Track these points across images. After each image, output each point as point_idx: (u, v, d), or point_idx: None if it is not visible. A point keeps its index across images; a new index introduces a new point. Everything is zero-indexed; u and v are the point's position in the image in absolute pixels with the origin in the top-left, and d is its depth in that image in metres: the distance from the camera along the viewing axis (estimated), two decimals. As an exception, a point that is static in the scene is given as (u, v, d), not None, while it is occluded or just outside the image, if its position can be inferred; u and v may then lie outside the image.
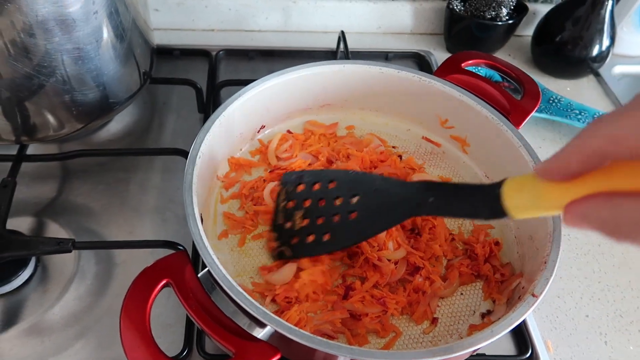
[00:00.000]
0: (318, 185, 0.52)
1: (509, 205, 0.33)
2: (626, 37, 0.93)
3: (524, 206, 0.33)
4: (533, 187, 0.32)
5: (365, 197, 0.47)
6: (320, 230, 0.50)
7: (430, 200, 0.40)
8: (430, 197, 0.41)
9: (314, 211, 0.51)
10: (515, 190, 0.33)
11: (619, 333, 0.58)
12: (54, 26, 0.51)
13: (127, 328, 0.38)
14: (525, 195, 0.33)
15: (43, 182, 0.65)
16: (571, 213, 0.29)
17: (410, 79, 0.63)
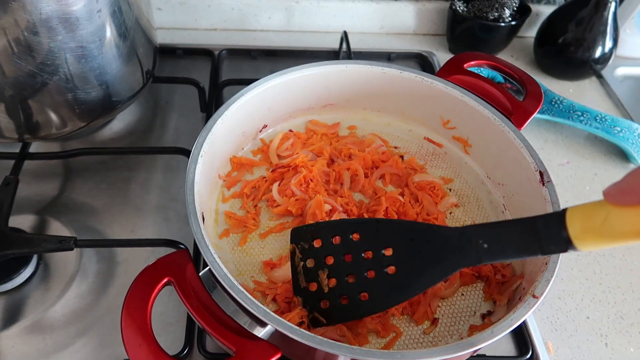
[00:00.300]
0: (338, 238, 0.46)
1: (575, 236, 0.30)
2: (629, 39, 0.93)
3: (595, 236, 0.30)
4: (604, 214, 0.29)
5: (401, 249, 0.42)
6: (354, 290, 0.44)
7: (485, 247, 0.37)
8: (484, 243, 0.37)
9: (342, 268, 0.45)
10: (582, 219, 0.30)
11: (619, 335, 0.58)
12: (58, 24, 0.51)
13: (128, 326, 0.39)
14: (595, 224, 0.29)
15: (45, 180, 0.65)
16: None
17: (413, 79, 0.63)
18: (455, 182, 0.63)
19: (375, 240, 0.44)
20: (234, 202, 0.59)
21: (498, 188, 0.61)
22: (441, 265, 0.40)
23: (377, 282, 0.43)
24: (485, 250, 0.37)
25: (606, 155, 0.78)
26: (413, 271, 0.42)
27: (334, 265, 0.46)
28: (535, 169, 0.53)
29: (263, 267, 0.53)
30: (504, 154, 0.58)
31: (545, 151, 0.78)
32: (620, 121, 0.78)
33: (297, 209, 0.56)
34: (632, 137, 0.76)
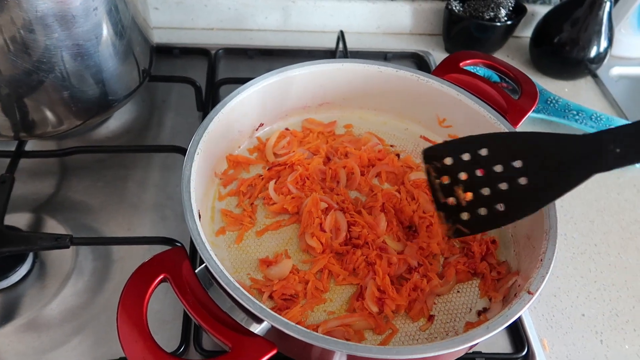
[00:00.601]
0: (467, 155, 0.47)
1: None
2: (624, 39, 0.93)
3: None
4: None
5: (531, 159, 0.43)
6: (491, 201, 0.46)
7: (617, 151, 0.37)
8: (616, 148, 0.37)
9: (476, 182, 0.47)
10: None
11: (614, 332, 0.58)
12: (54, 22, 0.51)
13: (124, 322, 0.39)
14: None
15: (41, 179, 0.65)
16: None
17: (409, 78, 0.63)
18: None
19: (504, 153, 0.45)
20: (230, 200, 0.59)
21: (494, 186, 0.61)
22: (572, 173, 0.40)
23: (511, 192, 0.44)
24: (618, 155, 0.37)
25: (601, 154, 0.79)
26: (545, 180, 0.42)
27: (468, 180, 0.48)
28: (530, 167, 0.54)
29: (259, 265, 0.53)
30: (500, 152, 0.58)
31: (541, 150, 0.78)
32: (615, 120, 0.78)
33: (293, 206, 0.56)
34: (627, 136, 0.77)
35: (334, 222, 0.54)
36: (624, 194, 0.73)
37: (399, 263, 0.52)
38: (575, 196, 0.72)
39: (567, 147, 0.41)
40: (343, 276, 0.52)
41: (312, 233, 0.53)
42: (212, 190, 0.59)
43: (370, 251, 0.52)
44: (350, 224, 0.55)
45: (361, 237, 0.53)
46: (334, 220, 0.54)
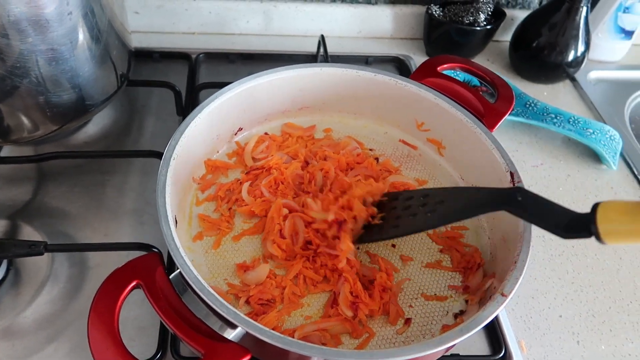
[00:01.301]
0: (411, 200, 0.51)
1: (602, 229, 0.32)
2: (601, 43, 0.95)
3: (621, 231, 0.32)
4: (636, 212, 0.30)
5: (451, 201, 0.46)
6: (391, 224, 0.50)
7: (519, 199, 0.40)
8: (519, 196, 0.40)
9: (395, 214, 0.51)
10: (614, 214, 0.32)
11: (591, 333, 0.59)
12: (27, 27, 0.50)
13: (95, 330, 0.38)
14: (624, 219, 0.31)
15: (17, 185, 0.64)
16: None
17: (387, 82, 0.63)
18: (430, 183, 0.64)
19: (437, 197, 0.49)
20: (208, 205, 0.58)
21: (471, 189, 0.62)
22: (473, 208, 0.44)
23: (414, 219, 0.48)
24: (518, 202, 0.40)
25: (579, 157, 0.80)
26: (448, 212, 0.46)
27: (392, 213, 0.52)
28: (506, 170, 0.54)
29: (236, 270, 0.53)
30: (477, 155, 0.59)
31: (520, 153, 0.79)
32: (592, 123, 0.79)
33: (261, 209, 0.56)
34: (604, 139, 0.78)
35: (292, 227, 0.54)
36: (601, 196, 0.74)
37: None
38: (554, 198, 0.71)
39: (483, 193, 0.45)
40: (315, 282, 0.52)
41: (272, 240, 0.53)
42: (190, 195, 0.59)
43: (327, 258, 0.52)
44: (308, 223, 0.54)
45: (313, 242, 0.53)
46: (292, 225, 0.54)
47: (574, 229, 0.35)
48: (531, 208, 0.39)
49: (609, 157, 0.77)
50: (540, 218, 0.38)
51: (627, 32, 0.93)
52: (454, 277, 0.55)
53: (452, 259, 0.56)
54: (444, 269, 0.55)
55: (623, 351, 0.57)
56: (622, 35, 0.94)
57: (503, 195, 0.41)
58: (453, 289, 0.54)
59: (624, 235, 0.32)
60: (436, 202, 0.48)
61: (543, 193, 0.72)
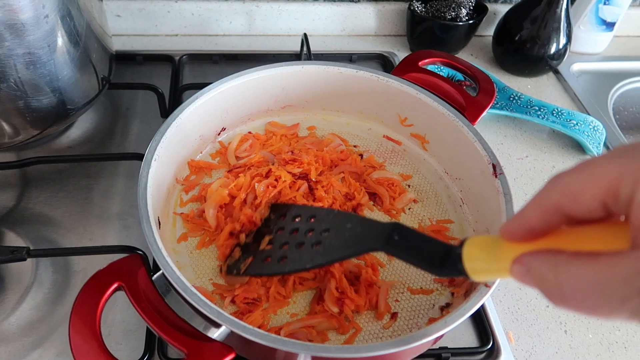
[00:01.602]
0: (298, 218, 0.50)
1: (468, 267, 0.32)
2: (583, 35, 0.96)
3: (483, 268, 0.31)
4: (494, 248, 0.30)
5: (335, 232, 0.45)
6: (278, 255, 0.48)
7: (395, 238, 0.39)
8: (396, 235, 0.39)
9: (282, 239, 0.49)
10: (476, 250, 0.31)
11: (578, 322, 0.59)
12: (3, 30, 0.50)
13: (76, 332, 0.38)
14: (484, 256, 0.31)
15: (0, 191, 0.64)
16: (518, 264, 0.27)
17: (369, 78, 0.63)
18: (414, 178, 0.64)
19: (323, 223, 0.47)
20: (192, 205, 0.58)
21: (455, 182, 0.62)
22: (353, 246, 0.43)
23: (299, 252, 0.46)
24: (395, 243, 0.39)
25: (564, 149, 0.80)
26: (331, 248, 0.44)
27: (279, 235, 0.50)
28: (489, 162, 0.54)
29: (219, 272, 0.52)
30: (460, 148, 0.59)
31: (505, 146, 0.80)
32: (576, 115, 0.80)
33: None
34: (587, 130, 0.78)
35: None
36: (586, 187, 0.75)
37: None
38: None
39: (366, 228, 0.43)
40: (302, 280, 0.52)
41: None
42: (174, 196, 0.58)
43: None
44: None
45: None
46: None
47: (446, 266, 0.34)
48: (407, 247, 0.38)
49: (593, 148, 0.77)
50: (415, 256, 0.37)
51: (608, 24, 0.94)
52: (439, 270, 0.55)
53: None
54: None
55: (610, 339, 0.58)
56: (604, 27, 0.95)
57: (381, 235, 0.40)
58: (439, 282, 0.54)
59: (487, 273, 0.32)
60: (321, 229, 0.46)
61: (529, 185, 0.74)
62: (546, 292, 0.25)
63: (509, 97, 0.84)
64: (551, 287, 0.25)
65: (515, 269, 0.27)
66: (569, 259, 0.24)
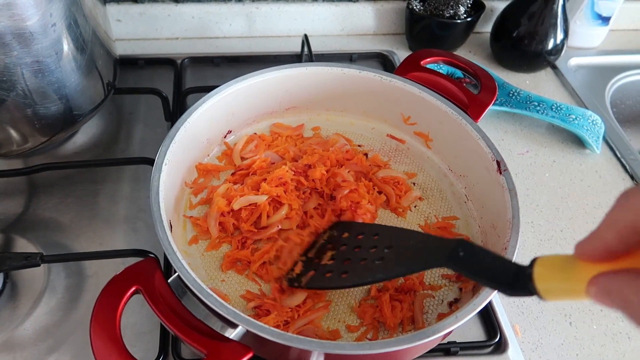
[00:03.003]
0: (361, 236, 0.51)
1: (541, 288, 0.31)
2: (580, 30, 0.97)
3: (556, 288, 0.30)
4: (567, 268, 0.29)
5: (398, 248, 0.46)
6: (340, 269, 0.49)
7: (460, 254, 0.38)
8: (461, 251, 0.38)
9: (345, 255, 0.50)
10: (548, 270, 0.30)
11: (582, 314, 0.60)
12: (12, 40, 0.50)
13: (97, 337, 0.39)
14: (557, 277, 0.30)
15: (9, 198, 0.64)
16: (595, 286, 0.26)
17: (372, 78, 0.64)
18: (419, 176, 0.65)
19: (386, 240, 0.48)
20: (202, 208, 0.59)
21: (460, 180, 0.63)
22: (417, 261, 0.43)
23: (361, 267, 0.47)
24: (460, 259, 0.38)
25: (563, 143, 0.81)
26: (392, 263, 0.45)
27: (343, 251, 0.51)
28: (493, 159, 0.55)
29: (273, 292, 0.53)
30: (463, 146, 0.60)
31: (506, 142, 0.81)
32: (574, 109, 0.81)
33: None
34: (586, 124, 0.80)
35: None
36: (586, 180, 0.76)
37: None
38: (540, 184, 0.74)
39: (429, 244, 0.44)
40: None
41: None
42: (183, 199, 0.59)
43: None
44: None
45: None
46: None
47: (516, 287, 0.33)
48: (472, 265, 0.37)
49: (592, 142, 0.79)
50: (483, 275, 0.36)
51: (604, 18, 0.95)
52: (447, 266, 0.56)
53: (445, 248, 0.57)
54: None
55: (614, 330, 0.59)
56: (600, 21, 0.96)
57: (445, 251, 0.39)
58: (447, 278, 0.55)
59: (561, 293, 0.31)
60: (384, 246, 0.47)
61: (530, 180, 0.75)
62: (631, 314, 0.24)
63: (508, 93, 0.85)
64: (637, 310, 0.24)
65: (594, 290, 0.26)
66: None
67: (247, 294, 0.52)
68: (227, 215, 0.56)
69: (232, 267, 0.54)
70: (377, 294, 0.52)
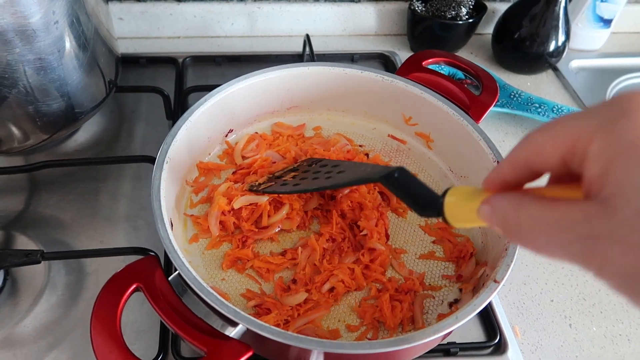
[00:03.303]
0: (325, 167, 0.56)
1: (447, 212, 0.34)
2: (581, 32, 0.97)
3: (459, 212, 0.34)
4: (472, 196, 0.32)
5: (348, 172, 0.52)
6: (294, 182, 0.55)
7: (395, 175, 0.42)
8: (397, 174, 0.42)
9: (304, 177, 0.55)
10: (457, 198, 0.34)
11: (582, 315, 0.60)
12: (14, 37, 0.50)
13: (98, 334, 0.39)
14: (462, 204, 0.33)
15: (10, 195, 0.64)
16: (486, 204, 0.29)
17: (373, 78, 0.64)
18: (420, 176, 0.65)
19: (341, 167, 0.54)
20: (202, 207, 0.59)
21: (461, 180, 0.63)
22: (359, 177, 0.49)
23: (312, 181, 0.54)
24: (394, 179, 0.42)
25: (564, 145, 0.81)
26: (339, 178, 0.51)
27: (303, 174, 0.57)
28: (494, 160, 0.55)
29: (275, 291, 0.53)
30: (464, 147, 0.60)
31: (506, 143, 0.81)
32: (575, 112, 0.81)
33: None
34: (587, 126, 0.79)
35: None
36: (586, 182, 0.76)
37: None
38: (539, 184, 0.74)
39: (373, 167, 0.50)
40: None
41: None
42: (184, 198, 0.59)
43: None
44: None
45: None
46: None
47: (427, 207, 0.38)
48: (401, 185, 0.42)
49: (593, 144, 0.78)
50: (405, 195, 0.41)
51: (606, 21, 0.95)
52: (447, 267, 0.56)
53: (445, 249, 0.57)
54: (437, 259, 0.57)
55: (614, 331, 0.59)
56: (601, 24, 0.96)
57: (385, 171, 0.44)
58: (447, 279, 0.55)
59: (464, 219, 0.34)
60: (339, 171, 0.53)
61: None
62: (505, 229, 0.27)
63: (510, 94, 0.85)
64: (511, 225, 0.27)
65: (482, 208, 0.29)
66: (531, 200, 0.26)
67: (248, 293, 0.52)
68: (228, 214, 0.56)
69: (233, 266, 0.54)
70: (378, 294, 0.52)
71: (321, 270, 0.53)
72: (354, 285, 0.52)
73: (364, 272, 0.53)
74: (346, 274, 0.52)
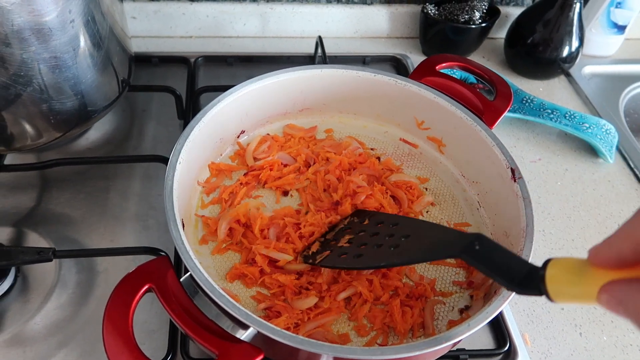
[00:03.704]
0: (381, 224, 0.52)
1: (551, 289, 0.31)
2: (595, 38, 0.96)
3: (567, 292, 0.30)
4: (580, 272, 0.29)
5: (415, 238, 0.46)
6: (355, 252, 0.50)
7: (476, 247, 0.38)
8: (477, 245, 0.38)
9: (363, 240, 0.51)
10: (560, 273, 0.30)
11: (592, 324, 0.60)
12: (30, 35, 0.51)
13: (110, 334, 0.39)
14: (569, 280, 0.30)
15: (22, 192, 0.65)
16: (607, 293, 0.26)
17: (386, 82, 0.64)
18: (431, 181, 0.65)
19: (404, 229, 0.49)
20: (213, 208, 0.59)
21: (472, 186, 0.63)
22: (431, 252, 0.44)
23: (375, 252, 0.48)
24: (475, 252, 0.38)
25: (576, 151, 0.81)
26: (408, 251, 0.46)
27: (360, 237, 0.52)
28: (507, 166, 0.55)
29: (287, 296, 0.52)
30: (477, 152, 0.60)
31: (518, 149, 0.80)
32: (588, 118, 0.80)
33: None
34: (599, 133, 0.79)
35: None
36: (599, 190, 0.76)
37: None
38: (552, 193, 0.74)
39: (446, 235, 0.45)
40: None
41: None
42: (195, 198, 0.59)
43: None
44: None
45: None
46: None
47: (526, 285, 0.33)
48: (485, 258, 0.37)
49: (606, 151, 0.78)
50: (495, 270, 0.36)
51: (620, 27, 0.95)
52: (458, 273, 0.56)
53: (456, 255, 0.57)
54: (448, 265, 0.56)
55: (624, 341, 0.58)
56: (615, 30, 0.95)
57: (461, 243, 0.39)
58: (458, 285, 0.55)
59: (571, 297, 0.30)
60: (402, 235, 0.48)
61: (542, 188, 0.74)
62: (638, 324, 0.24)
63: (522, 100, 0.85)
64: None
65: (605, 298, 0.26)
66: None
67: (258, 295, 0.52)
68: (241, 225, 0.56)
69: (237, 279, 0.53)
70: (388, 299, 0.52)
71: (339, 280, 0.53)
72: (371, 297, 0.51)
73: (382, 281, 0.53)
74: (365, 287, 0.51)
